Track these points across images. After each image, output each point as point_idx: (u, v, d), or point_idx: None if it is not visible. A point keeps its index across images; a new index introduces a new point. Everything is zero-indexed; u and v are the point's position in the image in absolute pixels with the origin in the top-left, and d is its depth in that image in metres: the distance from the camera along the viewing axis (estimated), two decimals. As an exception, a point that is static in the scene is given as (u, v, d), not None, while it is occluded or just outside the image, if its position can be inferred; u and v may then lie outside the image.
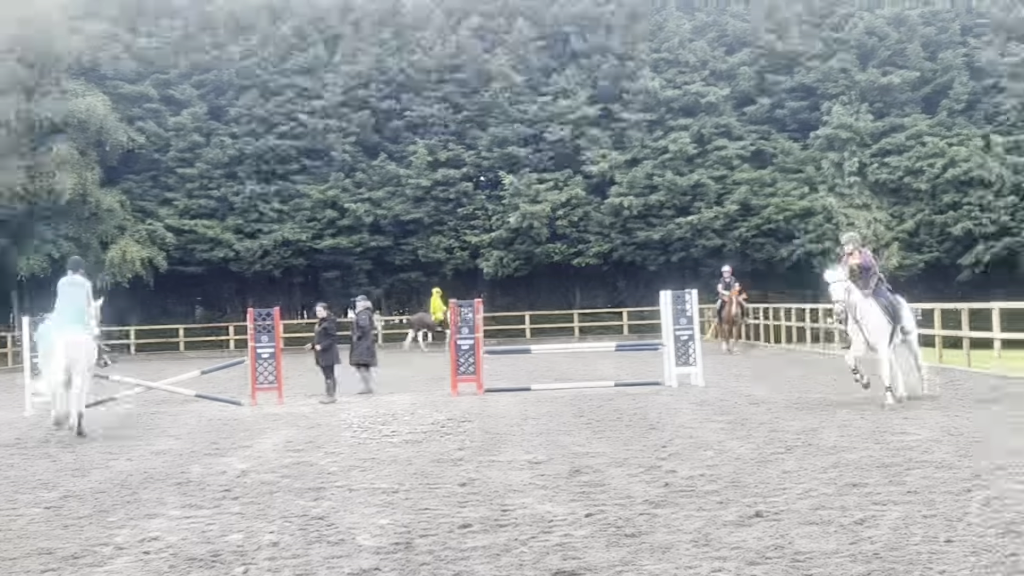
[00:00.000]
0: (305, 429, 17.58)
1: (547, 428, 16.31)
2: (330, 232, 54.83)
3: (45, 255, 50.84)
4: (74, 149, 50.72)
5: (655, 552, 7.94)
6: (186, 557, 8.40)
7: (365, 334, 25.40)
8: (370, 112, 55.23)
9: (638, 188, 52.91)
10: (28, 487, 12.35)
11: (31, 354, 19.82)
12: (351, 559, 8.11)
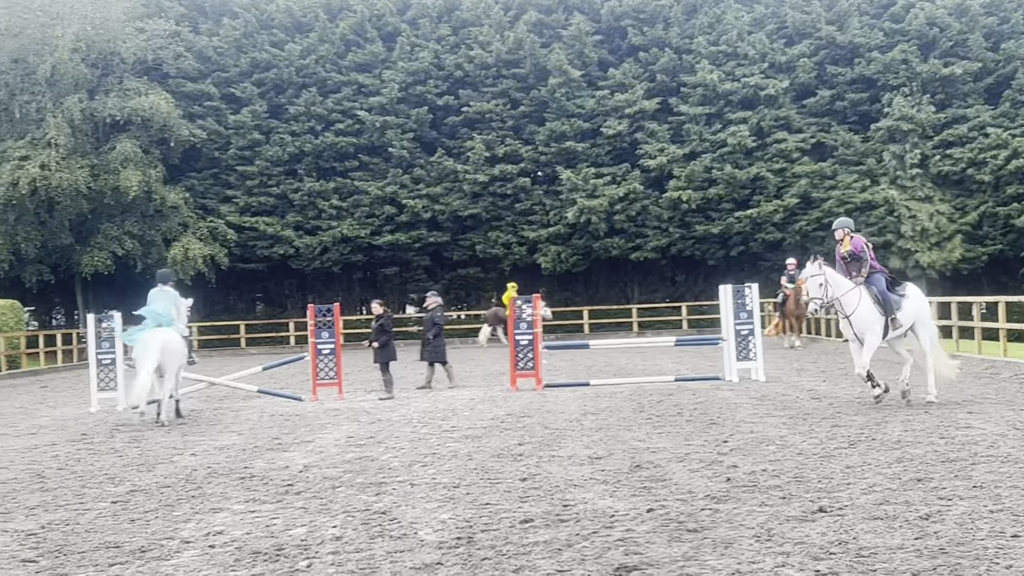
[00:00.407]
0: (366, 424, 17.67)
1: (607, 423, 16.29)
2: (388, 228, 55.08)
3: (109, 253, 51.49)
4: (137, 147, 51.35)
5: (717, 547, 7.91)
6: (251, 551, 8.48)
7: (442, 331, 25.49)
8: (428, 108, 55.41)
9: (696, 182, 52.67)
10: (95, 482, 12.51)
11: (125, 358, 20.39)
12: (413, 553, 8.15)
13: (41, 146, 49.69)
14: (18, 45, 50.56)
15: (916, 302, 17.76)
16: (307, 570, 7.77)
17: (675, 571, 7.24)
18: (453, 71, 55.75)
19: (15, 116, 50.85)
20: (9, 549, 8.93)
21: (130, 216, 52.28)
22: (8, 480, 12.91)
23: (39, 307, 60.54)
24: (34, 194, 48.90)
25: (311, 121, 55.49)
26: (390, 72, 55.47)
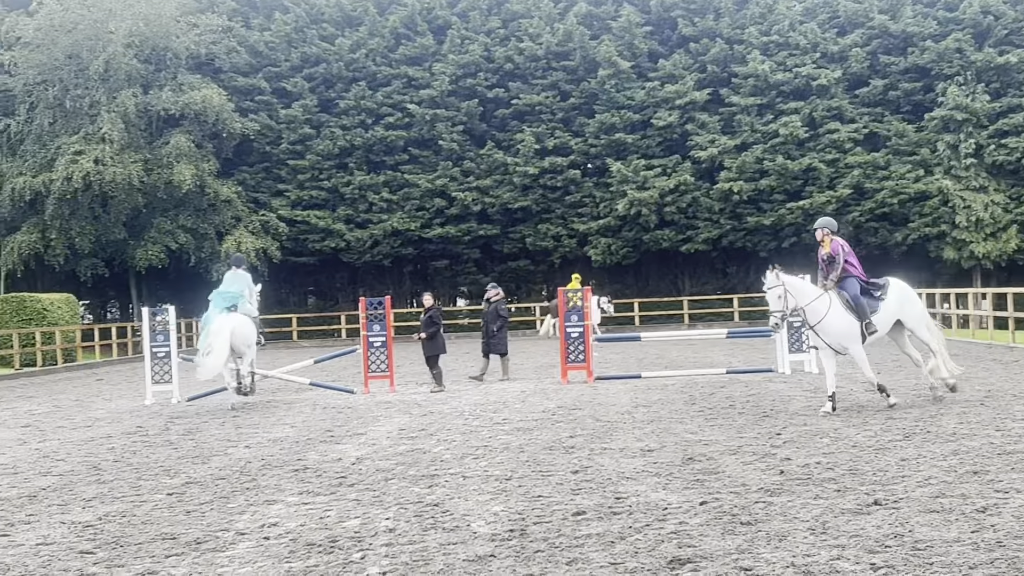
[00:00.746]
0: (418, 417, 17.72)
1: (658, 416, 16.24)
2: (439, 221, 55.23)
3: (163, 246, 51.98)
4: (191, 141, 51.79)
5: (772, 540, 7.86)
6: (305, 543, 8.52)
7: (506, 323, 25.53)
8: (478, 101, 55.50)
9: (748, 173, 52.40)
10: (151, 474, 12.63)
11: (204, 340, 20.90)
12: (466, 545, 8.16)
13: (95, 141, 50.19)
14: (72, 41, 51.09)
15: (898, 304, 16.62)
16: (361, 562, 7.80)
17: (729, 564, 7.21)
18: (503, 63, 55.78)
19: (69, 111, 51.39)
20: (67, 540, 9.02)
21: (183, 210, 52.75)
22: (65, 472, 13.05)
23: (94, 301, 61.23)
24: (88, 189, 49.42)
25: (361, 115, 55.72)
26: (440, 65, 55.58)
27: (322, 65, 56.51)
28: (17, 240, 50.96)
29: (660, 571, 7.12)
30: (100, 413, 21.20)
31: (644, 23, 56.02)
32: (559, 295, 24.79)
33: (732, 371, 23.73)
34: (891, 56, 53.51)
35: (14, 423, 19.82)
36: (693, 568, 7.16)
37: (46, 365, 39.53)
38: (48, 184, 49.72)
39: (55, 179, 49.34)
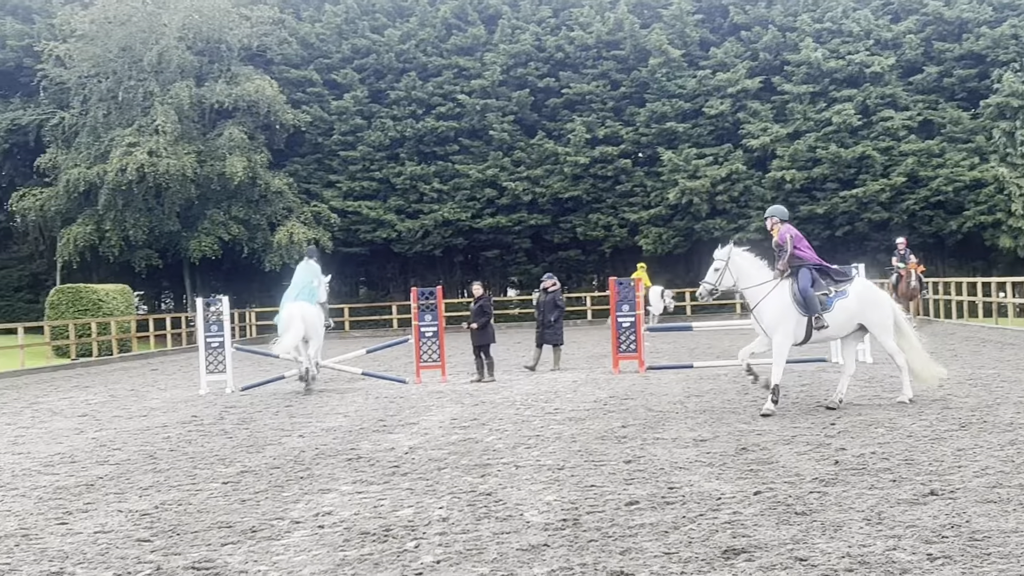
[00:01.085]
0: (470, 407, 17.76)
1: (711, 406, 16.19)
2: (489, 211, 55.26)
3: (216, 238, 52.34)
4: (243, 133, 52.12)
5: (827, 530, 7.82)
6: (359, 531, 8.57)
7: (563, 313, 25.52)
8: (529, 90, 55.43)
9: (800, 161, 52.00)
10: (206, 463, 12.74)
11: (280, 324, 22.84)
12: (520, 535, 8.17)
13: (148, 132, 50.60)
14: (126, 33, 51.52)
15: (859, 304, 15.54)
16: (415, 551, 7.83)
17: (784, 554, 7.17)
18: (554, 53, 55.69)
19: (122, 103, 51.83)
20: (124, 529, 9.12)
21: (236, 201, 53.10)
22: (122, 461, 13.19)
23: (148, 291, 61.77)
24: (142, 180, 49.83)
25: (412, 105, 55.81)
26: (491, 55, 55.58)
27: (373, 56, 56.66)
28: (73, 232, 51.49)
29: (714, 561, 7.10)
30: (155, 403, 21.41)
31: (695, 11, 55.73)
32: (611, 285, 24.71)
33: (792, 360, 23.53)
34: (946, 43, 52.86)
35: (71, 412, 20.05)
36: (748, 558, 7.13)
37: (102, 355, 39.95)
38: (102, 176, 50.19)
39: (109, 171, 49.78)
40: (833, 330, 15.57)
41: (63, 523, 9.50)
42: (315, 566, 7.51)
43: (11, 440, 15.97)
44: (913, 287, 35.10)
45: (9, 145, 56.10)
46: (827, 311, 15.36)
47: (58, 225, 53.08)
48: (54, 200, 51.72)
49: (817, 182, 52.24)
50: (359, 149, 55.62)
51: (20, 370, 33.28)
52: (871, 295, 15.83)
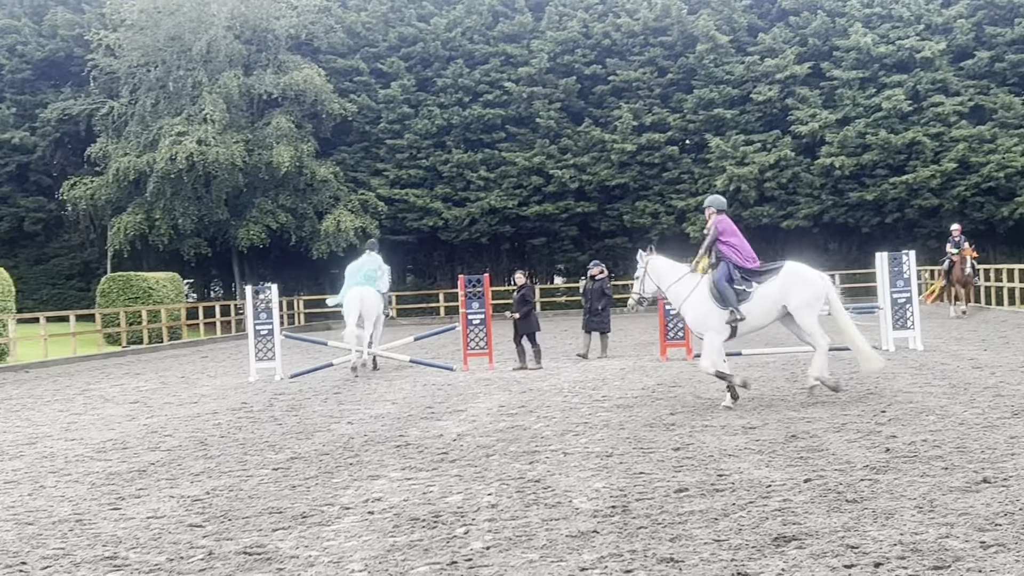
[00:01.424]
0: (517, 394, 17.77)
1: (759, 393, 16.10)
2: (536, 199, 55.23)
3: (264, 226, 52.65)
4: (290, 122, 52.37)
5: (878, 518, 7.76)
6: (409, 517, 8.60)
7: (611, 301, 25.43)
8: (575, 78, 55.32)
9: (850, 148, 51.57)
10: (256, 449, 12.83)
11: (343, 314, 24.10)
12: (569, 521, 8.17)
13: (197, 121, 50.95)
14: (175, 23, 51.87)
15: (781, 290, 14.98)
16: (464, 537, 7.85)
17: (835, 541, 7.13)
18: (601, 40, 55.53)
19: (171, 93, 52.20)
20: (176, 514, 9.20)
21: (283, 190, 53.39)
22: (174, 447, 13.31)
23: (198, 279, 62.24)
24: (191, 169, 50.18)
25: (459, 93, 55.83)
26: (538, 42, 55.51)
27: (419, 44, 56.73)
28: (123, 220, 51.95)
29: (765, 548, 7.07)
30: (205, 389, 21.58)
31: (743, -4, 55.51)
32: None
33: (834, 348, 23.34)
34: (997, 27, 52.20)
35: (123, 399, 20.25)
36: (798, 545, 7.09)
37: (152, 343, 40.32)
38: (152, 164, 50.59)
39: (159, 160, 50.17)
40: (756, 319, 15.10)
41: (116, 508, 9.59)
42: (365, 551, 7.54)
43: (64, 426, 16.15)
44: (968, 274, 34.57)
45: (60, 134, 56.68)
46: (745, 302, 14.90)
47: (108, 214, 53.59)
48: (104, 189, 52.20)
49: (867, 168, 51.81)
50: (406, 137, 55.73)
51: (72, 357, 33.65)
52: (798, 275, 15.21)
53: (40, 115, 56.53)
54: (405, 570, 6.99)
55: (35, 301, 54.82)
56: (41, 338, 34.33)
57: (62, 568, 7.51)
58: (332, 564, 7.24)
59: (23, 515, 9.47)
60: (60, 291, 58.59)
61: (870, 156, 51.38)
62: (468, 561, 7.14)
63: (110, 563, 7.58)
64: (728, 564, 6.73)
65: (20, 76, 57.65)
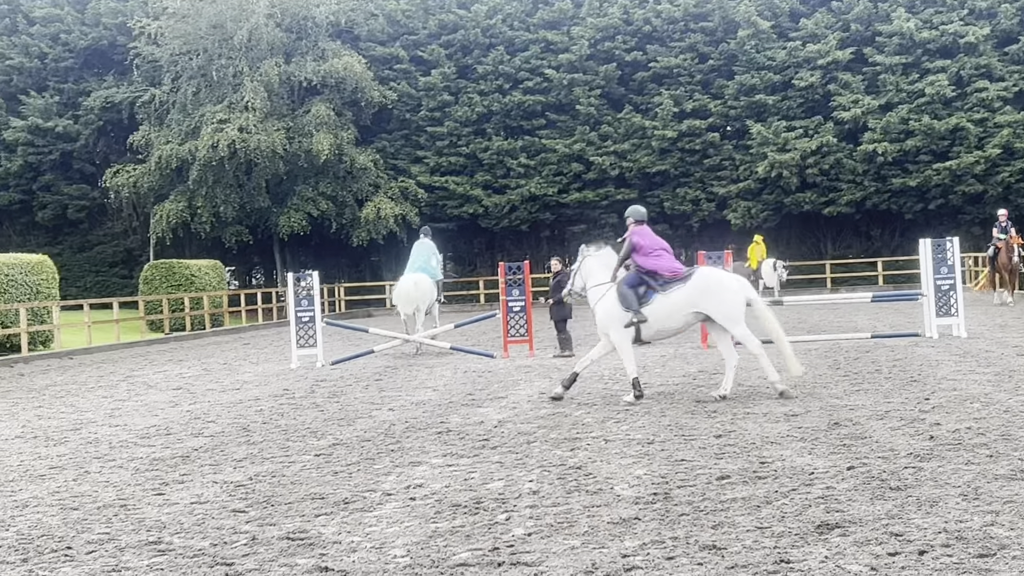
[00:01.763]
0: (558, 381, 17.71)
1: (802, 381, 16.00)
2: (576, 186, 55.17)
3: (305, 214, 52.87)
4: (330, 109, 52.52)
5: (923, 506, 7.71)
6: (450, 503, 8.61)
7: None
8: (616, 64, 55.15)
9: (893, 133, 51.15)
10: (298, 435, 12.88)
11: (396, 298, 25.57)
12: (610, 508, 8.16)
13: (239, 109, 51.20)
14: (216, 11, 52.11)
15: (691, 295, 14.77)
16: (506, 523, 7.86)
17: (879, 529, 7.09)
18: (641, 26, 55.34)
19: (213, 81, 52.46)
20: (220, 499, 9.26)
21: (323, 177, 53.60)
22: (216, 433, 13.39)
23: (239, 267, 62.63)
24: (233, 157, 50.45)
25: (499, 80, 55.82)
26: (578, 29, 55.40)
27: (459, 32, 56.74)
28: (165, 208, 52.32)
29: (808, 536, 7.04)
30: (248, 376, 21.70)
31: (785, -19, 55.09)
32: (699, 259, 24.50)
33: (877, 335, 23.27)
34: (1043, 11, 51.66)
35: (166, 386, 20.40)
36: (842, 533, 7.05)
37: (194, 329, 40.59)
38: (194, 152, 50.90)
39: (200, 147, 50.47)
40: (659, 322, 14.91)
41: (160, 494, 9.66)
42: (407, 537, 7.56)
43: (108, 412, 16.28)
44: (1016, 263, 34.11)
45: (103, 122, 57.14)
46: (647, 305, 14.83)
47: (151, 201, 53.99)
48: (147, 177, 52.57)
49: (910, 154, 51.37)
50: (446, 125, 55.79)
51: (116, 344, 33.93)
52: (710, 284, 14.92)
53: (83, 103, 57.00)
54: (447, 556, 7.01)
55: (79, 288, 55.33)
56: (85, 325, 34.62)
57: (107, 552, 7.57)
58: (374, 550, 7.27)
59: (68, 500, 9.55)
60: (103, 278, 59.09)
61: (913, 142, 50.94)
62: (510, 547, 7.14)
63: (154, 548, 7.64)
64: (771, 551, 6.70)
65: (63, 65, 58.14)
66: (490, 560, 6.85)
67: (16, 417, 16.26)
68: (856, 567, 6.30)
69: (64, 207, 58.37)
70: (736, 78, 54.03)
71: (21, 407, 17.71)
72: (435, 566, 6.78)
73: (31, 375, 24.72)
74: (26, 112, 56.67)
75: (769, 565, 6.41)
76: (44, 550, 7.72)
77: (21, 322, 30.27)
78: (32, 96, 57.03)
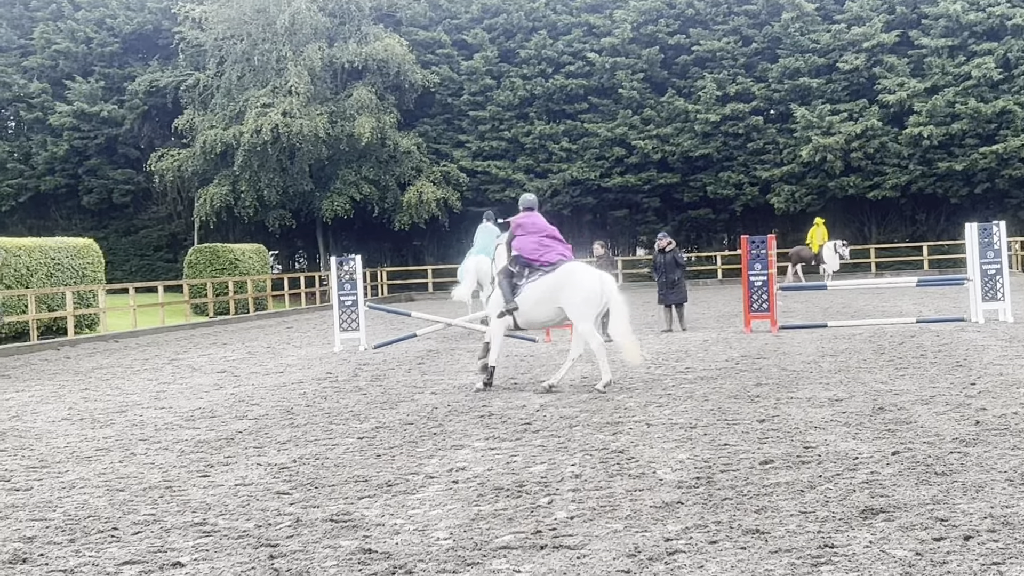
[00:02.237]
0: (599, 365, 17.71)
1: (846, 365, 15.93)
2: (618, 170, 55.02)
3: (348, 197, 53.03)
4: (373, 94, 52.60)
5: (968, 491, 7.65)
6: (493, 487, 8.62)
7: (684, 271, 25.09)
8: (658, 48, 54.91)
9: (938, 117, 50.66)
10: (342, 418, 12.94)
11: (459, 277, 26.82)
12: (653, 492, 8.15)
13: (282, 94, 51.38)
14: (260, -4, 52.35)
15: (551, 288, 14.97)
16: (548, 506, 7.86)
17: (924, 514, 7.04)
18: (684, 9, 55.08)
19: (256, 65, 52.66)
20: (264, 481, 9.32)
21: (366, 162, 53.72)
22: (260, 416, 13.47)
23: (282, 251, 62.95)
24: (276, 141, 50.66)
25: (542, 64, 55.75)
26: (621, 12, 55.20)
27: (502, 16, 56.70)
28: (209, 192, 52.62)
29: (852, 520, 7.00)
30: (291, 359, 21.81)
31: (830, -36, 54.65)
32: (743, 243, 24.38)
33: (922, 320, 23.11)
34: (1093, -8, 50.98)
35: (210, 369, 20.53)
36: (887, 518, 7.01)
37: (238, 313, 40.82)
38: (238, 137, 51.15)
39: (244, 132, 50.71)
40: (528, 313, 15.23)
41: (205, 475, 9.73)
42: (450, 520, 7.58)
43: (153, 395, 16.41)
44: None
45: (148, 107, 57.51)
46: (519, 294, 15.21)
47: (195, 185, 54.32)
48: (191, 161, 52.90)
49: (956, 138, 50.88)
50: (488, 109, 55.79)
51: (160, 327, 34.18)
52: (567, 278, 14.95)
53: (128, 88, 57.41)
54: (490, 539, 7.02)
55: (124, 272, 55.85)
56: (130, 308, 34.90)
57: (152, 533, 7.63)
58: (417, 532, 7.29)
59: (114, 482, 9.63)
60: (148, 262, 59.56)
61: (959, 125, 50.45)
62: (552, 531, 7.15)
63: (199, 529, 7.70)
64: (815, 536, 6.67)
65: (108, 49, 58.54)
66: (532, 543, 6.86)
67: (63, 399, 16.42)
68: (901, 552, 6.26)
69: (109, 191, 58.84)
70: (780, 61, 53.68)
71: (68, 389, 17.88)
72: (477, 548, 6.79)
73: (77, 358, 24.95)
74: (72, 97, 57.11)
75: (813, 550, 6.39)
76: (91, 531, 7.80)
77: (67, 305, 30.55)
78: (78, 81, 57.47)
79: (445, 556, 6.67)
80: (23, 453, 11.43)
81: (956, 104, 50.47)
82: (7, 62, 58.54)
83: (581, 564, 6.36)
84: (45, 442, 12.15)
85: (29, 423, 13.88)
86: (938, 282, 32.10)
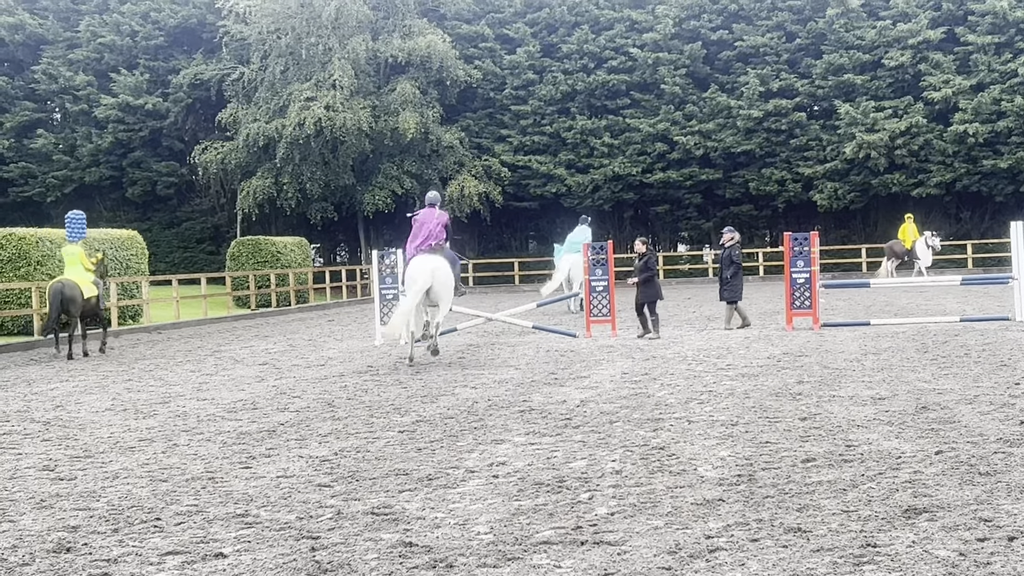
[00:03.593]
0: (640, 361, 17.71)
1: (889, 364, 15.82)
2: (660, 166, 54.87)
3: (389, 191, 53.14)
4: (416, 88, 52.67)
5: (1012, 491, 7.59)
6: (533, 482, 8.63)
7: (740, 268, 24.53)
8: (701, 43, 54.72)
9: (984, 114, 50.21)
10: (382, 412, 12.98)
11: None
12: (694, 489, 8.13)
13: (326, 87, 51.54)
14: (305, -11, 52.53)
15: (410, 272, 18.65)
16: (588, 502, 7.86)
17: (968, 515, 6.99)
18: (727, 4, 54.85)
19: (302, 58, 52.85)
20: (305, 474, 9.36)
21: (408, 156, 53.82)
22: (302, 409, 13.53)
23: (324, 244, 63.17)
24: (319, 134, 50.83)
25: (584, 59, 55.68)
26: (663, 7, 55.03)
27: (545, 10, 56.69)
28: (252, 185, 52.87)
29: (895, 520, 6.96)
30: (332, 352, 21.90)
31: (875, -41, 54.24)
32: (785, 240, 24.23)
33: (966, 319, 22.93)
34: None
35: (252, 361, 20.65)
36: (930, 518, 6.97)
37: (280, 306, 41.05)
38: (280, 130, 51.36)
39: (287, 125, 50.91)
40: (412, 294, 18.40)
41: (247, 467, 9.79)
42: (490, 514, 7.59)
43: (196, 387, 16.52)
44: None
45: (192, 100, 57.81)
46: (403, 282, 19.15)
47: (238, 178, 54.59)
48: (234, 154, 53.16)
49: (1001, 136, 50.42)
50: (530, 103, 55.79)
51: (203, 319, 34.41)
52: (415, 269, 18.56)
53: (172, 81, 57.74)
54: (530, 533, 7.03)
55: (167, 264, 56.21)
56: (173, 300, 35.16)
57: (195, 524, 7.68)
58: (458, 526, 7.31)
59: (157, 472, 9.71)
60: (191, 254, 59.92)
61: (1005, 123, 49.98)
62: (593, 526, 7.15)
63: (241, 520, 7.74)
64: (857, 535, 6.64)
65: (153, 43, 58.91)
66: (573, 539, 6.86)
67: (106, 390, 16.56)
68: (944, 552, 6.22)
69: (153, 183, 59.23)
70: (824, 57, 53.35)
71: (111, 380, 18.03)
72: (518, 543, 6.80)
73: (121, 349, 25.15)
74: (116, 90, 57.51)
75: (855, 549, 6.35)
76: (134, 520, 7.86)
77: (111, 296, 30.79)
78: (122, 74, 57.86)
79: (486, 550, 6.68)
80: (67, 443, 11.54)
81: (1002, 101, 50.02)
82: (53, 54, 59.01)
83: (622, 560, 6.36)
84: (89, 432, 12.26)
85: (73, 413, 14.01)
86: (982, 281, 31.83)
